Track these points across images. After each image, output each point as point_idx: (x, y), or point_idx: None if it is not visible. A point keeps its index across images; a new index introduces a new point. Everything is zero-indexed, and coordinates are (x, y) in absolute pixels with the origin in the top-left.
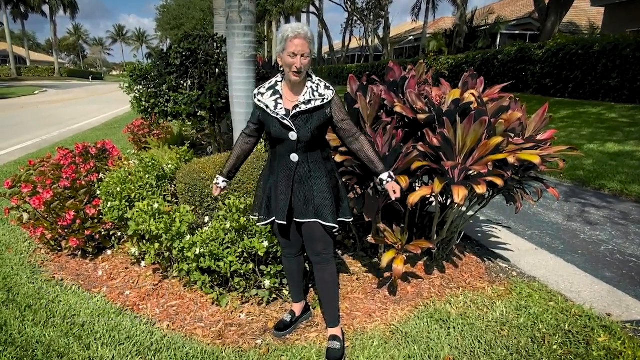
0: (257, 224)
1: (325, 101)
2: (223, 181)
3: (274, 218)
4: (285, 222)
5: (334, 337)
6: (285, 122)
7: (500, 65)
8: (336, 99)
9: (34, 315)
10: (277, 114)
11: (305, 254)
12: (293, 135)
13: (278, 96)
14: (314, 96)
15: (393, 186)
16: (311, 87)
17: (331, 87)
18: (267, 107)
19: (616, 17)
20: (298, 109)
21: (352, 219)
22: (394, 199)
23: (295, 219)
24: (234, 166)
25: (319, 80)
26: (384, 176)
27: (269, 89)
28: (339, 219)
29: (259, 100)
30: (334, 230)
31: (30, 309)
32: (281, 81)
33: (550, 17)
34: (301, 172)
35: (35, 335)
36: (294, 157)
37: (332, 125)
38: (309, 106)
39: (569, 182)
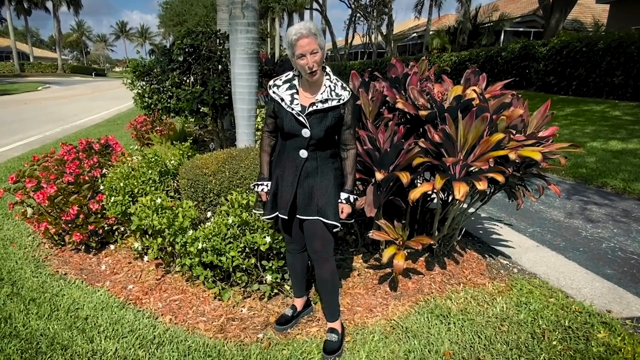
0: (262, 218)
1: (342, 102)
2: (270, 184)
3: (277, 213)
4: (286, 217)
5: (332, 330)
6: (300, 118)
7: (503, 62)
8: (351, 102)
9: (38, 309)
10: (293, 109)
11: None
12: (306, 133)
13: (294, 91)
14: (331, 96)
15: (343, 207)
16: (329, 86)
17: (348, 88)
18: (283, 100)
19: (621, 14)
20: (314, 107)
21: (352, 221)
22: (342, 217)
23: (297, 215)
24: (269, 164)
25: (336, 79)
26: (343, 195)
27: (285, 82)
28: (341, 220)
29: (273, 92)
30: (335, 230)
31: (34, 302)
32: (298, 76)
33: (555, 14)
34: (308, 168)
35: (39, 328)
36: (303, 153)
37: None
38: (326, 105)
39: (572, 180)
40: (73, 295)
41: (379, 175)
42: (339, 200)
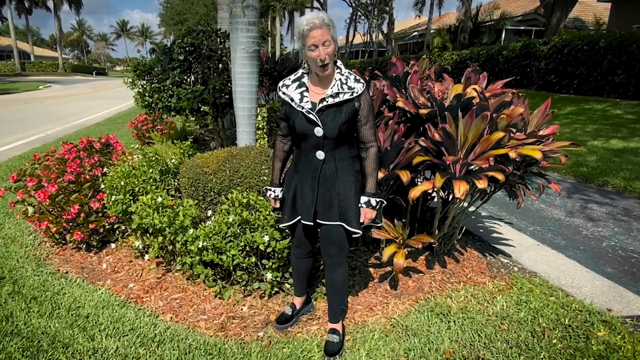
0: (280, 225)
1: (355, 95)
2: (281, 191)
3: (299, 218)
4: (311, 223)
5: (333, 331)
6: (310, 116)
7: (504, 61)
8: (366, 95)
9: (39, 307)
10: (302, 108)
11: (316, 255)
12: (319, 131)
13: (304, 89)
14: (343, 89)
15: (365, 212)
16: (340, 79)
17: (362, 80)
18: (292, 100)
19: (622, 13)
20: (325, 103)
21: (381, 224)
22: (364, 222)
23: (318, 220)
24: (281, 170)
25: (349, 72)
26: (363, 199)
27: (294, 80)
28: (365, 225)
29: (283, 93)
30: (356, 236)
31: (35, 300)
32: (308, 73)
33: (556, 13)
34: (327, 171)
35: (40, 326)
36: (320, 155)
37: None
38: (337, 100)
39: (572, 179)
40: (74, 293)
41: (379, 174)
42: (360, 205)
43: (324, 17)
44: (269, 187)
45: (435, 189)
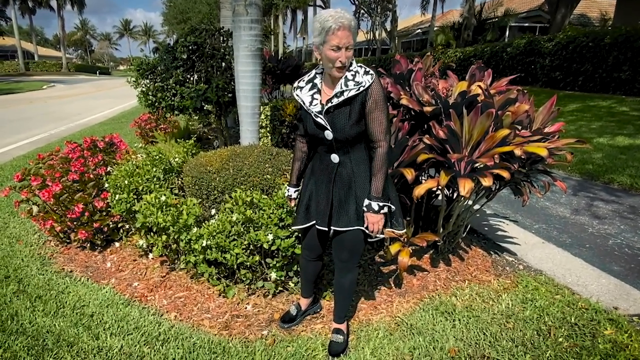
0: (292, 228)
1: (362, 89)
2: (295, 191)
3: (313, 222)
4: (326, 228)
5: (337, 331)
6: (318, 119)
7: (509, 58)
8: (375, 87)
9: (44, 306)
10: (312, 111)
11: (325, 257)
12: (328, 134)
13: (315, 90)
14: (348, 86)
15: (368, 217)
16: (346, 76)
17: (371, 72)
18: (304, 102)
19: (628, 8)
20: (330, 104)
21: (404, 230)
22: (369, 230)
23: (333, 227)
24: (299, 171)
25: (359, 66)
26: (365, 202)
27: (307, 82)
28: (386, 229)
29: (297, 96)
30: (372, 240)
31: (40, 299)
32: (321, 73)
33: (561, 9)
34: (343, 174)
35: (45, 325)
36: (335, 158)
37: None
38: (341, 99)
39: (578, 176)
40: (79, 292)
41: None
42: (363, 208)
43: (351, 19)
44: (288, 187)
45: (440, 187)
